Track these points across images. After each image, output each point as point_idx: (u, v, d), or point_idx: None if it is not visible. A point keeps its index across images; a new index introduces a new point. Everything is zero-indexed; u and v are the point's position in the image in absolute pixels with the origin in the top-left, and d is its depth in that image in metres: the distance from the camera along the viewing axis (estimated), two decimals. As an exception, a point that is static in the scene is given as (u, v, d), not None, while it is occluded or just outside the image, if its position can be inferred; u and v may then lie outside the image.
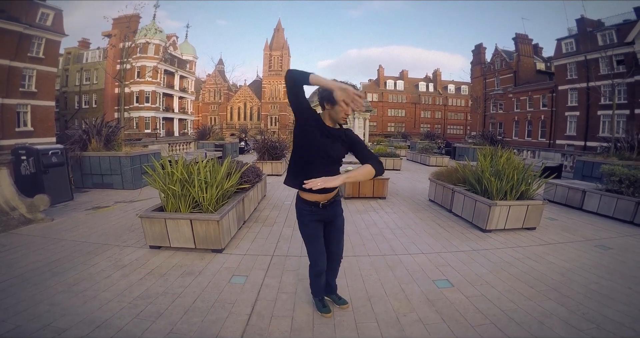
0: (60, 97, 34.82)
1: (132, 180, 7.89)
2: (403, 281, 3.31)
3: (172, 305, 2.78)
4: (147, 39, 32.03)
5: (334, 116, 2.27)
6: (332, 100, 2.16)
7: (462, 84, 58.59)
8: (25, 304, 2.73)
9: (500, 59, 39.02)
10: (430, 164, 14.41)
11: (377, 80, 58.67)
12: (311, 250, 2.50)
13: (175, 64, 41.60)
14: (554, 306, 2.84)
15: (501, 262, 3.83)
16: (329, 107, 2.25)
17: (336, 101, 2.08)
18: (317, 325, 2.56)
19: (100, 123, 8.48)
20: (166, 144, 14.75)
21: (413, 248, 4.25)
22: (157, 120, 38.06)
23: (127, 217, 5.47)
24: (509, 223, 4.88)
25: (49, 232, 4.67)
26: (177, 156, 4.46)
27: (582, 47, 27.03)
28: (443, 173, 6.51)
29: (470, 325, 2.56)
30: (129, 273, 3.36)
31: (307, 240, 2.51)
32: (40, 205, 5.20)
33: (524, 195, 5.00)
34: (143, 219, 3.88)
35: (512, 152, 5.87)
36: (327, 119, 2.32)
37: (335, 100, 2.09)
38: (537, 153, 16.70)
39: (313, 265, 2.54)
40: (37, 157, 6.15)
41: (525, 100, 34.02)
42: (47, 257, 3.75)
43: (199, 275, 3.34)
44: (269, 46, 63.02)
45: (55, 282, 3.14)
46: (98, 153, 7.89)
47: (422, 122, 57.05)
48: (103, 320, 2.53)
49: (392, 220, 5.57)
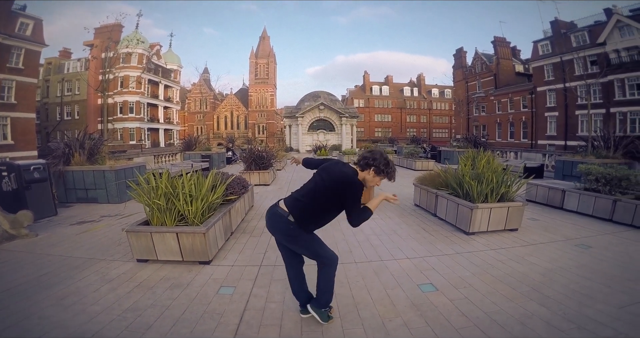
0: (42, 108, 34.04)
1: (117, 194, 7.77)
2: (388, 286, 3.38)
3: (160, 317, 2.79)
4: (129, 49, 31.71)
5: (367, 182, 2.56)
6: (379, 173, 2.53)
7: (445, 87, 59.80)
8: (15, 318, 2.74)
9: (480, 62, 40.00)
10: (417, 169, 14.60)
11: (363, 86, 59.43)
12: (322, 246, 2.62)
13: (160, 73, 41.27)
14: (536, 307, 2.91)
15: (484, 264, 3.93)
16: (373, 174, 2.53)
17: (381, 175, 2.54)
18: (305, 332, 2.61)
19: (83, 136, 8.36)
20: (151, 156, 14.60)
21: (398, 253, 4.33)
22: (142, 131, 37.55)
23: (114, 231, 5.41)
24: (492, 225, 5.01)
25: (34, 247, 4.62)
26: (162, 169, 4.46)
27: (557, 49, 27.94)
28: (427, 178, 6.64)
29: (454, 328, 2.63)
30: (117, 287, 3.36)
31: (314, 243, 2.60)
32: (24, 221, 5.13)
33: (505, 197, 5.15)
34: (129, 233, 3.87)
35: (491, 155, 6.03)
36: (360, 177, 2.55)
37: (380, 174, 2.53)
38: (519, 154, 17.13)
39: (332, 257, 2.62)
40: (18, 173, 6.04)
41: (506, 102, 34.91)
42: (34, 271, 3.72)
43: (187, 287, 3.35)
44: (254, 54, 63.13)
45: (43, 296, 3.14)
46: (82, 167, 7.77)
47: (409, 126, 57.88)
48: (93, 333, 2.54)
49: (378, 225, 5.65)
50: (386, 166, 2.51)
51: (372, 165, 2.49)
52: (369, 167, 2.50)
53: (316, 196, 2.48)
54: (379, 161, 2.49)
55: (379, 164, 2.49)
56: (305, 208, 2.49)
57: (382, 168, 2.49)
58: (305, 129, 35.18)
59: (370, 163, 2.50)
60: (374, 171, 2.50)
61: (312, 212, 2.49)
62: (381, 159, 2.50)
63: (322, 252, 2.59)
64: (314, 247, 2.59)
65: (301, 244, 2.58)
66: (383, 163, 2.50)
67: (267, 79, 62.52)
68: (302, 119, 34.97)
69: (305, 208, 2.49)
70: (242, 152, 12.41)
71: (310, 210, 2.49)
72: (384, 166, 2.49)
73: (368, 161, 2.51)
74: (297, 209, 2.50)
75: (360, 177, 2.53)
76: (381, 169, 2.49)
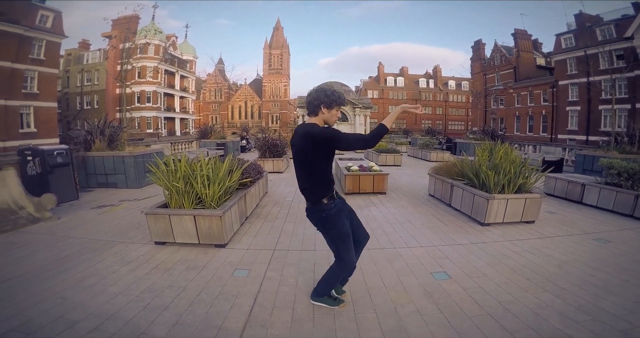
0: (62, 98, 34.92)
1: (135, 179, 7.99)
2: (401, 273, 3.39)
3: (177, 298, 2.87)
4: (147, 39, 32.09)
5: (329, 119, 2.50)
6: (330, 105, 2.43)
7: (462, 79, 58.45)
8: (36, 298, 2.82)
9: (499, 54, 38.93)
10: (431, 160, 14.46)
11: (377, 77, 58.63)
12: (347, 248, 2.53)
13: (176, 63, 41.65)
14: (550, 298, 2.88)
15: (499, 254, 3.89)
16: (326, 111, 2.46)
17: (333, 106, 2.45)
18: (317, 315, 2.64)
19: (103, 123, 8.59)
20: (168, 143, 14.86)
21: (412, 241, 4.33)
22: (158, 120, 38.16)
23: (132, 215, 5.57)
24: (508, 216, 4.93)
25: (56, 230, 4.77)
26: (180, 154, 4.55)
27: (581, 43, 26.92)
28: (442, 168, 6.57)
29: (467, 316, 2.62)
30: (135, 269, 3.46)
31: (342, 239, 2.51)
32: (48, 204, 5.31)
33: (522, 189, 5.05)
34: (148, 216, 3.98)
35: (510, 147, 5.92)
36: (320, 122, 2.50)
37: (332, 105, 2.44)
38: (538, 147, 16.70)
39: (348, 266, 2.59)
40: (42, 158, 6.26)
41: (526, 95, 33.93)
42: (55, 253, 3.84)
43: (203, 269, 3.43)
44: (268, 45, 62.95)
45: (64, 277, 3.23)
46: (102, 153, 8.00)
47: (423, 118, 56.92)
48: (112, 313, 2.62)
49: (392, 214, 5.64)
50: (329, 96, 2.44)
51: (319, 105, 2.45)
52: (318, 108, 2.46)
53: (303, 163, 2.45)
54: (320, 98, 2.44)
55: (322, 100, 2.44)
56: (306, 181, 2.48)
57: (327, 100, 2.44)
58: (319, 119, 35.04)
59: (316, 103, 2.45)
60: (325, 107, 2.45)
61: (311, 177, 2.46)
62: (320, 95, 2.45)
63: (344, 246, 2.53)
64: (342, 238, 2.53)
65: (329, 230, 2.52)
66: (323, 96, 2.44)
67: (280, 70, 62.38)
68: (316, 110, 34.82)
69: (306, 181, 2.49)
70: (256, 140, 12.53)
71: (309, 179, 2.47)
72: (326, 98, 2.44)
73: (313, 105, 2.47)
74: (305, 190, 2.50)
75: (319, 124, 2.48)
76: (327, 100, 2.44)
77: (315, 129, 2.36)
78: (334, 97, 2.45)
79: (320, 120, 2.49)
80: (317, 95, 2.45)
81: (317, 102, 2.44)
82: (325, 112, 2.46)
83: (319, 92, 2.46)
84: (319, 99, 2.43)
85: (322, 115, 2.47)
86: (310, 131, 2.36)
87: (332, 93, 2.46)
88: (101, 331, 2.39)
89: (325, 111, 2.46)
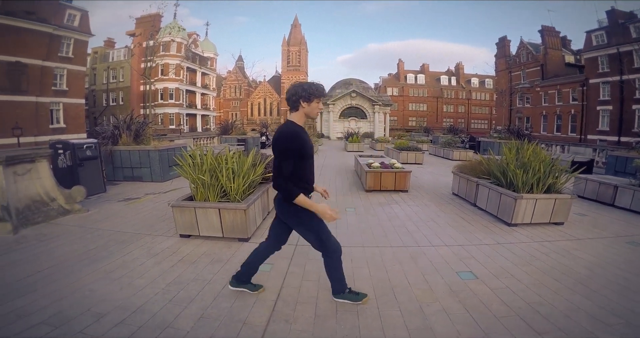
0: (89, 95, 36.17)
1: (160, 173, 8.20)
2: (426, 272, 3.33)
3: (202, 291, 2.90)
4: (171, 37, 32.80)
5: (310, 112, 2.48)
6: (309, 98, 2.41)
7: (486, 77, 56.93)
8: (66, 290, 2.87)
9: (526, 51, 37.77)
10: (454, 158, 14.19)
11: (397, 74, 57.93)
12: (327, 234, 2.57)
13: (197, 61, 42.42)
14: (581, 300, 2.79)
15: (527, 255, 3.78)
16: (306, 105, 2.44)
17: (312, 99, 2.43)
18: (340, 312, 2.63)
19: (129, 119, 8.84)
20: (191, 139, 15.18)
21: (436, 240, 4.25)
22: (181, 116, 39.04)
23: (158, 208, 5.70)
24: (536, 217, 4.78)
25: (85, 222, 4.92)
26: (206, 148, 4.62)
27: (613, 40, 25.77)
28: (467, 166, 6.41)
29: (495, 316, 2.56)
30: (161, 261, 3.52)
31: (320, 229, 2.53)
32: (77, 196, 5.47)
33: (552, 189, 4.87)
34: (174, 208, 4.06)
35: (539, 145, 5.72)
36: (301, 118, 2.49)
37: (311, 98, 2.42)
38: (566, 148, 16.11)
39: (336, 248, 2.61)
40: (73, 151, 6.49)
41: (553, 93, 32.79)
42: (84, 245, 3.95)
43: (227, 263, 3.47)
44: (286, 42, 63.23)
45: (93, 269, 3.31)
46: (128, 147, 8.24)
47: (445, 116, 55.93)
48: (138, 306, 2.65)
49: (415, 212, 5.56)
50: (306, 90, 2.42)
51: (298, 99, 2.43)
52: (298, 103, 2.43)
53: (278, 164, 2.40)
54: (299, 93, 2.42)
55: (300, 94, 2.42)
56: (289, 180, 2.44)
57: (304, 94, 2.41)
58: (337, 116, 34.98)
59: (295, 99, 2.43)
60: (304, 101, 2.43)
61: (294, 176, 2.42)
62: (297, 90, 2.43)
63: (325, 238, 2.56)
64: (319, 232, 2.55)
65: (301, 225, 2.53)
66: (301, 91, 2.42)
67: (298, 67, 62.60)
68: (334, 106, 34.77)
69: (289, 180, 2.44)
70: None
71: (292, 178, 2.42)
72: (304, 91, 2.41)
73: (292, 100, 2.45)
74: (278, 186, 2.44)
75: (301, 118, 2.48)
76: (305, 95, 2.41)
77: (280, 135, 2.38)
78: (311, 90, 2.42)
79: (301, 114, 2.47)
80: (294, 90, 2.44)
81: (296, 97, 2.42)
82: (305, 106, 2.44)
83: (296, 87, 2.45)
84: (297, 93, 2.42)
85: (303, 110, 2.46)
86: (276, 136, 2.41)
87: (309, 86, 2.44)
88: (128, 324, 2.41)
89: (305, 105, 2.44)
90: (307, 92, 2.41)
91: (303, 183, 2.45)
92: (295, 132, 2.36)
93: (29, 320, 2.42)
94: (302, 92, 2.41)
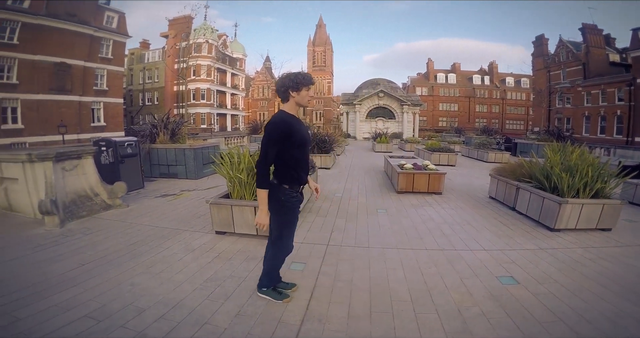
0: (127, 94, 37.90)
1: (194, 171, 8.46)
2: (464, 276, 3.24)
3: (238, 288, 2.94)
4: (205, 38, 33.78)
5: (300, 101, 2.51)
6: (297, 87, 2.46)
7: (522, 76, 54.50)
8: (109, 284, 2.97)
9: (565, 50, 35.87)
10: (489, 160, 13.66)
11: (426, 73, 56.61)
12: (290, 234, 2.66)
13: (227, 62, 43.46)
14: (630, 306, 2.68)
15: (572, 261, 3.61)
16: (295, 94, 2.48)
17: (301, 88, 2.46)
18: (374, 313, 2.60)
19: (166, 118, 9.20)
20: (222, 138, 15.58)
21: (474, 244, 4.11)
22: (212, 116, 40.15)
23: (193, 204, 5.88)
24: (581, 222, 4.52)
25: (126, 217, 5.13)
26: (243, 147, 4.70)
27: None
28: (506, 169, 6.14)
29: (538, 321, 2.48)
30: (199, 257, 3.61)
31: (288, 226, 2.62)
32: (119, 192, 5.72)
33: (599, 194, 4.60)
34: (212, 205, 4.16)
35: (585, 148, 5.41)
36: (293, 107, 2.54)
37: (299, 87, 2.45)
38: (612, 151, 15.16)
39: (286, 249, 2.69)
40: (115, 148, 6.81)
41: (597, 93, 30.89)
42: (126, 240, 4.11)
43: (262, 261, 3.50)
44: (312, 42, 63.43)
45: (134, 263, 3.43)
46: (165, 145, 8.58)
47: (478, 116, 53.99)
48: (177, 301, 2.71)
49: (450, 215, 5.41)
50: (293, 80, 2.45)
51: (286, 90, 2.48)
52: (287, 93, 2.49)
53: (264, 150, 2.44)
54: (286, 84, 2.47)
55: (288, 85, 2.46)
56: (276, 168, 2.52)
57: (292, 84, 2.46)
58: (363, 116, 34.67)
59: (284, 89, 2.49)
60: (293, 91, 2.47)
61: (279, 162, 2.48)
62: (285, 81, 2.48)
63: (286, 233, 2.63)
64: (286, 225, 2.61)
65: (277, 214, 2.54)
66: (288, 81, 2.46)
67: (324, 67, 62.69)
68: (360, 106, 34.47)
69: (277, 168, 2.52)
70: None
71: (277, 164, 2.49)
72: (291, 82, 2.45)
73: (281, 91, 2.51)
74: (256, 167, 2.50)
75: (292, 108, 2.53)
76: (293, 85, 2.46)
77: (269, 123, 2.43)
78: (298, 79, 2.46)
79: (292, 104, 2.52)
80: (282, 81, 2.49)
81: (284, 88, 2.48)
82: (295, 96, 2.48)
83: (283, 78, 2.50)
84: (285, 84, 2.47)
85: (294, 99, 2.50)
86: (266, 124, 2.46)
87: (295, 76, 2.48)
88: (167, 320, 2.46)
89: (295, 94, 2.48)
90: (294, 82, 2.45)
91: (294, 173, 2.50)
92: (283, 120, 2.41)
93: (72, 314, 2.50)
94: (289, 82, 2.46)
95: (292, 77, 2.48)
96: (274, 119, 2.43)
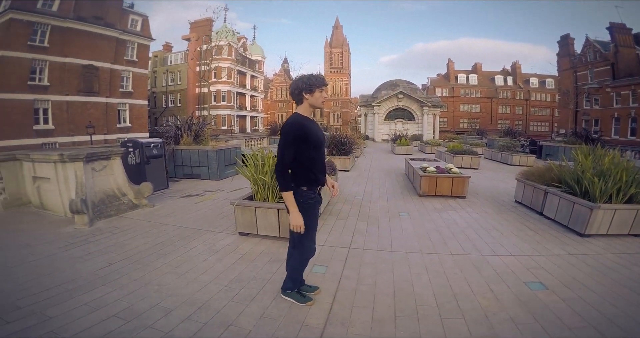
0: (150, 96, 38.98)
1: (217, 172, 8.62)
2: (491, 281, 3.17)
3: (262, 290, 2.96)
4: (227, 40, 34.39)
5: (314, 103, 2.53)
6: (310, 89, 2.48)
7: (546, 77, 52.77)
8: (137, 284, 3.03)
9: (593, 50, 34.54)
10: (513, 163, 13.23)
11: (446, 74, 55.66)
12: (311, 236, 2.65)
13: (246, 64, 44.10)
14: (665, 313, 2.56)
15: (602, 267, 3.49)
16: (309, 96, 2.50)
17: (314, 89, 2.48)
18: (399, 317, 2.58)
19: (190, 120, 9.42)
20: (243, 140, 15.80)
21: (500, 249, 4.02)
22: (232, 117, 40.82)
23: (216, 205, 5.98)
24: (613, 228, 4.35)
25: (152, 216, 5.26)
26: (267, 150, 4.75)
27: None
28: (534, 173, 5.96)
29: (567, 326, 2.43)
30: (223, 258, 3.66)
31: (311, 231, 2.61)
32: (145, 192, 5.89)
33: (633, 199, 4.41)
34: (236, 207, 4.23)
35: (618, 152, 5.21)
36: (307, 109, 2.56)
37: (312, 89, 2.48)
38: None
39: (309, 251, 2.69)
40: (141, 149, 7.02)
41: (627, 94, 29.60)
42: (152, 239, 4.21)
43: (285, 263, 3.54)
44: (328, 44, 63.32)
45: (161, 263, 3.49)
46: (188, 147, 8.78)
47: (500, 117, 52.55)
48: (203, 302, 2.74)
49: (474, 220, 5.30)
50: (305, 82, 2.48)
51: (300, 92, 2.50)
52: (301, 96, 2.51)
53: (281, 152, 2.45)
54: (299, 86, 2.49)
55: (301, 87, 2.49)
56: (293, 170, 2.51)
57: (305, 86, 2.48)
58: (382, 117, 34.42)
59: (297, 92, 2.51)
60: (306, 93, 2.50)
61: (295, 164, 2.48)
62: (298, 83, 2.51)
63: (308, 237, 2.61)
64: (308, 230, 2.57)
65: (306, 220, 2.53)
66: (301, 83, 2.49)
67: (341, 68, 62.48)
68: (379, 108, 34.26)
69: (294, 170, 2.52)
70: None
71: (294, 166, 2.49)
72: (304, 84, 2.48)
73: (295, 94, 2.53)
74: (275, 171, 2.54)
75: (306, 110, 2.56)
76: (305, 86, 2.49)
77: (285, 124, 2.46)
78: (311, 81, 2.49)
79: (306, 106, 2.54)
80: (296, 84, 2.52)
81: (298, 90, 2.50)
82: (308, 98, 2.50)
83: (297, 81, 2.53)
84: (299, 87, 2.49)
85: (307, 101, 2.52)
86: (282, 126, 2.50)
87: (308, 78, 2.50)
88: (194, 321, 2.48)
89: (308, 96, 2.50)
90: (307, 84, 2.48)
91: (311, 174, 2.53)
92: (298, 122, 2.44)
93: (101, 313, 2.55)
94: (302, 85, 2.49)
95: (305, 79, 2.51)
96: (289, 122, 2.47)
